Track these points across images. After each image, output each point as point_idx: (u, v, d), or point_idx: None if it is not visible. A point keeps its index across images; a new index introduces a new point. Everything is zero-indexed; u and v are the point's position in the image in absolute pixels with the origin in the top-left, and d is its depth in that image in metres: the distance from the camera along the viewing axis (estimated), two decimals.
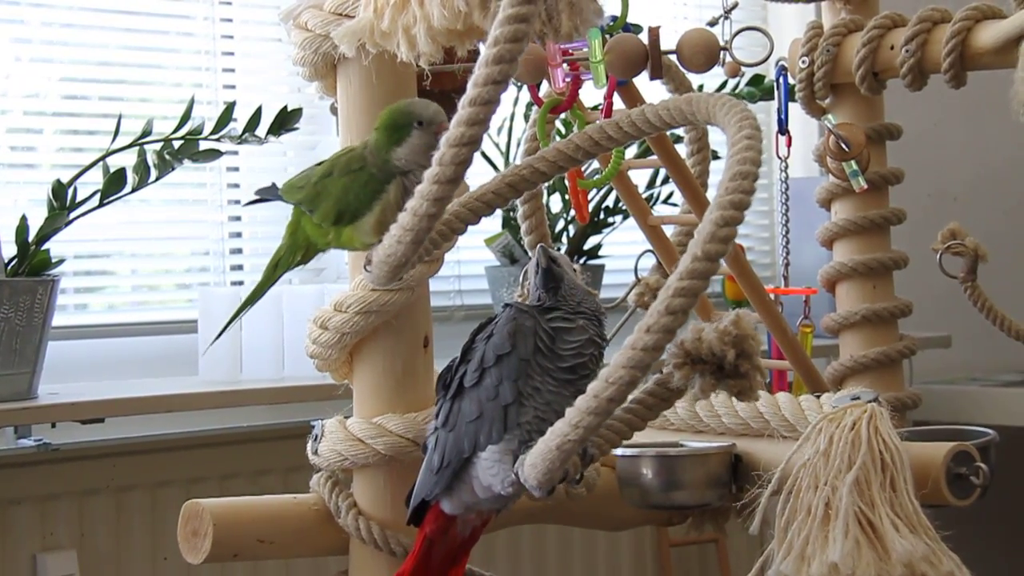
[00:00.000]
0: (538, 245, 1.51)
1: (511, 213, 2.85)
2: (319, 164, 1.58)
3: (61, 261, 2.30)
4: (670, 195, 3.01)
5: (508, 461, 1.41)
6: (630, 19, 1.75)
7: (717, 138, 2.02)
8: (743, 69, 1.74)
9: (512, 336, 1.43)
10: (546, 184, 1.59)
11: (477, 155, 1.36)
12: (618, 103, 1.73)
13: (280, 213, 1.62)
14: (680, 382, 1.32)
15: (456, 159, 1.27)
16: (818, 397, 1.65)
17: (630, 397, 1.42)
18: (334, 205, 1.53)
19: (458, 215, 1.44)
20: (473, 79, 1.25)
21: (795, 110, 1.96)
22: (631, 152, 2.57)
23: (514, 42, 1.24)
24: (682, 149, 1.94)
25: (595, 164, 1.94)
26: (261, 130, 2.30)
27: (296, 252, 1.60)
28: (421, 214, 1.30)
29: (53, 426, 2.42)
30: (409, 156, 1.50)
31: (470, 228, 1.47)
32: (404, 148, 1.50)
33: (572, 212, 2.91)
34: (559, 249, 2.91)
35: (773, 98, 1.97)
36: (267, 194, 1.61)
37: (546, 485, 1.35)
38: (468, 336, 1.50)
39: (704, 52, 1.69)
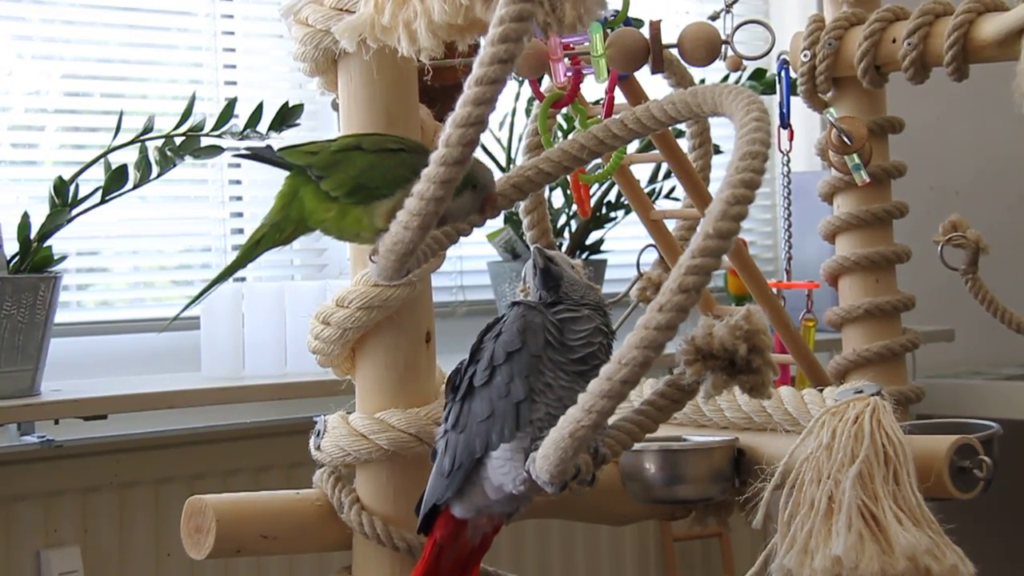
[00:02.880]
0: (533, 246, 1.50)
1: (513, 208, 2.85)
2: (333, 140, 1.49)
3: (63, 258, 2.30)
4: (672, 190, 3.00)
5: (520, 459, 1.40)
6: (631, 13, 1.75)
7: (719, 132, 2.02)
8: (744, 63, 1.74)
9: (522, 332, 1.42)
10: None
11: (479, 150, 1.36)
12: (619, 97, 1.73)
13: None
14: (691, 378, 1.31)
15: (463, 139, 1.25)
16: (821, 391, 1.65)
17: (642, 400, 1.41)
18: (355, 177, 1.44)
19: None
20: (479, 58, 1.23)
21: (797, 104, 1.96)
22: (633, 147, 2.57)
23: (519, 21, 1.22)
24: (684, 143, 1.94)
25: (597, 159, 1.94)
26: (262, 126, 2.30)
27: (285, 227, 1.47)
28: (428, 197, 1.28)
29: (56, 423, 2.42)
30: (454, 211, 1.42)
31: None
32: (454, 203, 1.39)
33: (574, 207, 2.91)
34: (560, 245, 2.91)
35: (775, 92, 1.96)
36: (263, 153, 1.49)
37: (558, 479, 1.33)
38: (472, 333, 1.49)
39: (705, 46, 1.69)
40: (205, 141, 2.30)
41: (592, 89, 1.77)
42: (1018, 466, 3.29)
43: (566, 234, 2.97)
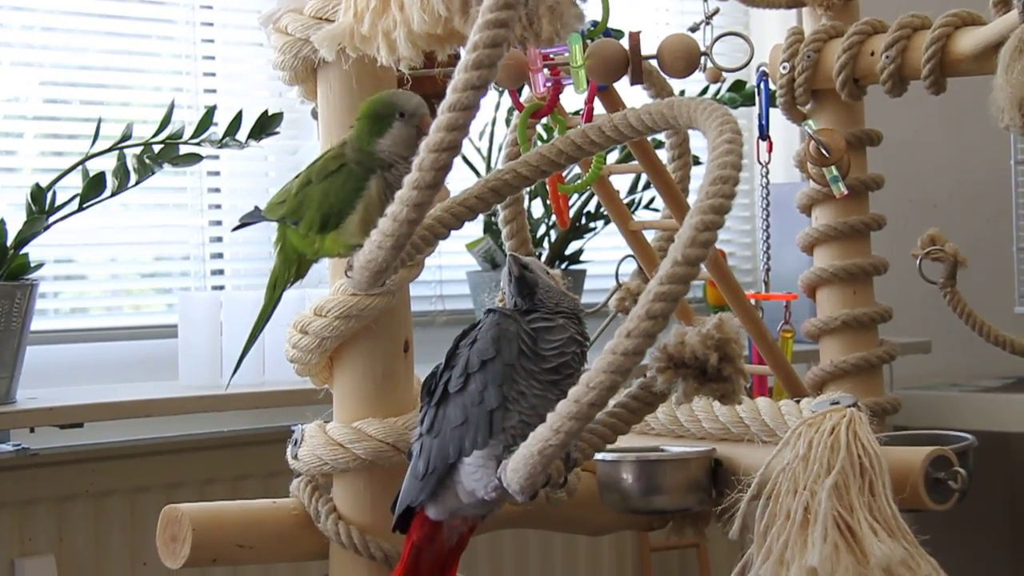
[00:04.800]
0: (508, 254, 1.51)
1: (492, 218, 2.85)
2: (296, 176, 1.57)
3: (40, 265, 2.29)
4: (651, 200, 3.01)
5: (492, 466, 1.41)
6: (611, 24, 1.75)
7: (698, 144, 2.02)
8: (724, 75, 1.74)
9: (496, 341, 1.43)
10: (528, 189, 1.59)
11: (458, 160, 1.36)
12: (599, 108, 1.73)
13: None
14: (663, 386, 1.31)
15: (436, 164, 1.27)
16: (798, 402, 1.65)
17: (613, 401, 1.42)
18: (317, 211, 1.52)
19: (441, 220, 1.44)
20: (453, 84, 1.25)
21: (776, 116, 1.97)
22: (612, 157, 2.57)
23: (493, 47, 1.24)
24: (663, 154, 1.95)
25: (576, 169, 1.94)
26: (242, 134, 2.30)
27: (289, 267, 1.59)
28: (401, 219, 1.30)
29: (32, 431, 2.41)
30: (392, 148, 1.49)
31: (452, 233, 1.47)
32: (387, 139, 1.50)
33: (553, 217, 2.91)
34: (540, 254, 2.91)
35: (754, 104, 1.97)
36: (250, 218, 1.61)
37: (528, 490, 1.35)
38: (450, 341, 1.50)
39: (685, 57, 1.70)
40: (184, 149, 2.30)
41: (572, 100, 1.77)
42: (993, 478, 3.31)
43: (545, 244, 2.97)
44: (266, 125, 2.28)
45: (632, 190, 3.01)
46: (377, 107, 1.51)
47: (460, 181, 2.84)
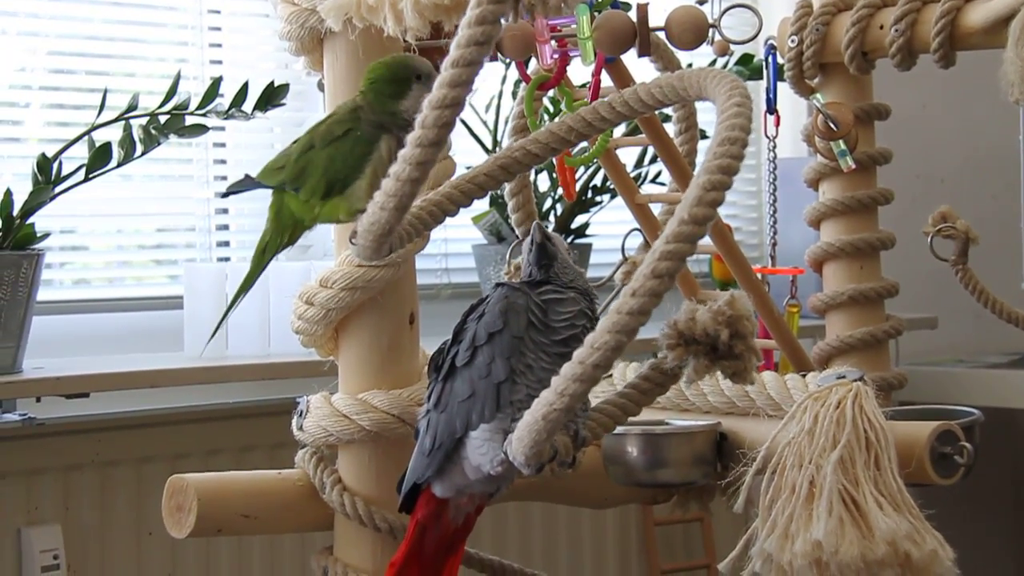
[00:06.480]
0: (535, 221, 1.50)
1: (498, 191, 2.84)
2: (295, 142, 1.55)
3: (46, 235, 2.29)
4: (658, 174, 3.00)
5: (499, 440, 1.40)
6: None
7: (705, 117, 2.02)
8: (732, 47, 1.73)
9: (504, 314, 1.42)
10: None
11: (464, 133, 1.37)
12: (606, 80, 1.73)
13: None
14: (674, 363, 1.31)
15: (439, 121, 1.25)
16: (804, 376, 1.65)
17: (625, 382, 1.41)
18: (323, 177, 1.50)
19: (450, 197, 1.43)
20: (456, 41, 1.24)
21: (784, 89, 1.96)
22: (619, 131, 2.56)
23: (497, 3, 1.22)
24: (670, 128, 1.94)
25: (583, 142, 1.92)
26: (248, 106, 2.29)
27: (283, 234, 1.58)
28: (404, 179, 1.28)
29: (38, 400, 2.41)
30: (413, 109, 1.44)
31: None
32: (409, 101, 1.48)
33: (559, 190, 2.91)
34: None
35: (762, 77, 1.96)
36: (241, 186, 1.58)
37: (533, 460, 1.33)
38: (456, 316, 1.49)
39: (692, 29, 1.69)
40: (190, 120, 2.29)
41: (579, 72, 1.76)
42: (998, 453, 3.31)
43: (551, 218, 2.97)
44: (272, 96, 2.28)
45: (639, 163, 3.01)
46: (396, 70, 1.50)
47: (466, 154, 2.86)
